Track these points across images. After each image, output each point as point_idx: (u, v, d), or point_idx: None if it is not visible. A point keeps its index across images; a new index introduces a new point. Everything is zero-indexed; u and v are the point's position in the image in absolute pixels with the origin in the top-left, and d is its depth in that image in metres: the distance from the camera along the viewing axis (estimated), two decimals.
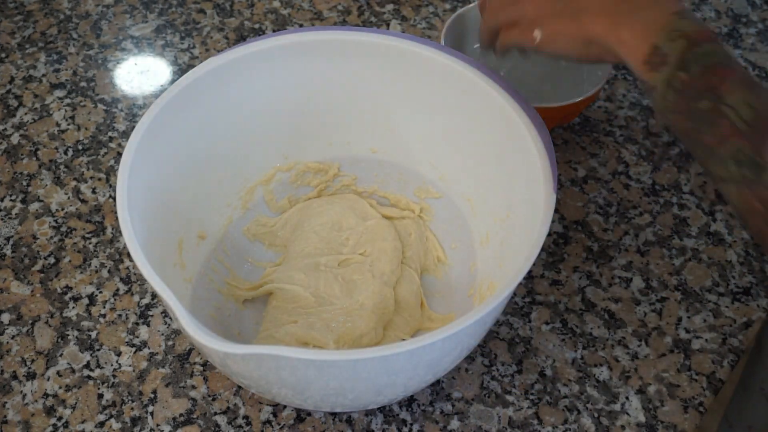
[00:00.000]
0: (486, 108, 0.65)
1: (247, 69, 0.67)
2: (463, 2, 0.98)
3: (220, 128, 0.68)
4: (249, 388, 0.58)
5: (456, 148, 0.70)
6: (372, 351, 0.48)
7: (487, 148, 0.67)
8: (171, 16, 0.96)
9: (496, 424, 0.64)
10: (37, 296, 0.71)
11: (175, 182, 0.64)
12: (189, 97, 0.64)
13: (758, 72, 0.92)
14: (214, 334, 0.48)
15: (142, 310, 0.70)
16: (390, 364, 0.51)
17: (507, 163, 0.65)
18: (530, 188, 0.60)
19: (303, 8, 0.97)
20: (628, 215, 0.78)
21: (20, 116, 0.85)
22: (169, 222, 0.63)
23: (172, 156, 0.64)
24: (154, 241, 0.58)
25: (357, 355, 0.49)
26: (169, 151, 0.63)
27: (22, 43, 0.92)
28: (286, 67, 0.68)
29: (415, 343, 0.49)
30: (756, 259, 0.76)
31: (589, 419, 0.65)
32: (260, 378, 0.53)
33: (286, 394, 0.55)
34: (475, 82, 0.65)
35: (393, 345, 0.49)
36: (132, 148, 0.58)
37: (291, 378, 0.52)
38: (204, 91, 0.65)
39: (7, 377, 0.66)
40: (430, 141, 0.72)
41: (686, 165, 0.83)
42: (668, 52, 0.51)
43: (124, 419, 0.64)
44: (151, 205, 0.60)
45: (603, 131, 0.85)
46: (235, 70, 0.66)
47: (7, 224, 0.76)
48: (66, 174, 0.80)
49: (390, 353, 0.48)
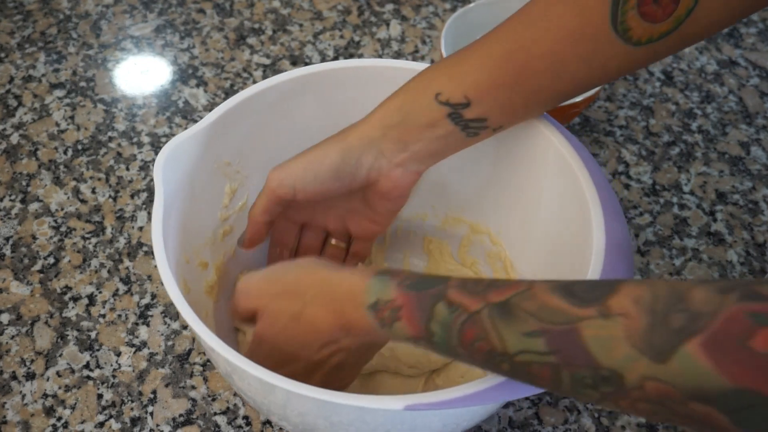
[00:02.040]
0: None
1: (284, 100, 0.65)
2: (463, 2, 0.98)
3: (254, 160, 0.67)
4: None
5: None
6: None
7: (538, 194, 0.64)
8: (171, 15, 0.95)
9: (496, 425, 0.64)
10: (36, 296, 0.71)
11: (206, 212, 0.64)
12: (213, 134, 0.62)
13: (758, 72, 0.92)
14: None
15: (142, 310, 0.70)
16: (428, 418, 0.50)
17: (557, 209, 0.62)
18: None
19: (303, 8, 0.97)
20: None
21: (20, 116, 0.85)
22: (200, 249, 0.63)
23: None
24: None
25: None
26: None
27: (21, 43, 0.92)
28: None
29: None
30: (756, 259, 0.76)
31: (589, 419, 0.65)
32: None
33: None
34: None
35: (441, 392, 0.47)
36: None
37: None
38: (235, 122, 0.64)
39: (7, 377, 0.66)
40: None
41: (686, 165, 0.83)
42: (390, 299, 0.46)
43: (124, 419, 0.64)
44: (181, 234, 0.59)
45: (603, 131, 0.85)
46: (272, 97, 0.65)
47: (6, 224, 0.76)
48: (66, 174, 0.80)
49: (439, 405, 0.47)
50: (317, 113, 0.67)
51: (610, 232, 0.54)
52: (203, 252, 0.63)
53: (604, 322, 0.38)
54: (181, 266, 0.58)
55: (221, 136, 0.62)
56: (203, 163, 0.61)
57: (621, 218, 0.56)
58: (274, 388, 0.48)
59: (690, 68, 0.92)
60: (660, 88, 0.90)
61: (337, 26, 0.95)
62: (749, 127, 0.87)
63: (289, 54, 0.91)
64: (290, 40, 0.93)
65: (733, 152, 0.85)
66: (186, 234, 0.60)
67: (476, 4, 0.87)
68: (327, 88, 0.66)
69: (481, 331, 0.42)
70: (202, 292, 0.62)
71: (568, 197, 0.59)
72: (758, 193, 0.81)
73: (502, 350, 0.41)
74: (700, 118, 0.87)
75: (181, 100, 0.87)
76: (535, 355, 0.40)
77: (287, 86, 0.64)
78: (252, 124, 0.64)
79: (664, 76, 0.91)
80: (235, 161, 0.64)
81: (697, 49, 0.94)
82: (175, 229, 0.57)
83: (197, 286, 0.61)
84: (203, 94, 0.87)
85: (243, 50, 0.92)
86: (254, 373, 0.47)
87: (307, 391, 0.47)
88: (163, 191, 0.55)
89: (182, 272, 0.58)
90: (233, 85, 0.88)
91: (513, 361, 0.41)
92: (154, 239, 0.53)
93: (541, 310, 0.40)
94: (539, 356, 0.40)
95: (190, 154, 0.59)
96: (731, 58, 0.93)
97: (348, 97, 0.67)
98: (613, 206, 0.56)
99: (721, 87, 0.90)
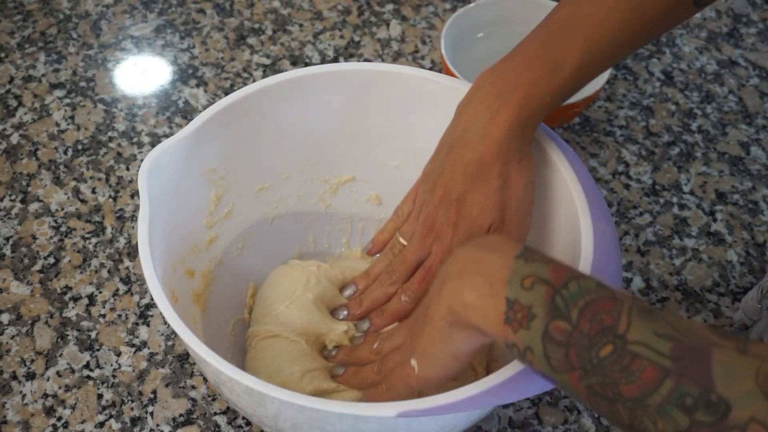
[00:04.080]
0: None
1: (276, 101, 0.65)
2: (463, 2, 0.98)
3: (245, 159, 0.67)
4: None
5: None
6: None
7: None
8: (171, 15, 0.95)
9: (496, 425, 0.64)
10: (36, 296, 0.71)
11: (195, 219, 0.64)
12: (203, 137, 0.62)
13: (758, 72, 0.92)
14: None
15: (142, 310, 0.70)
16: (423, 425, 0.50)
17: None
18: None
19: (303, 8, 0.97)
20: (628, 215, 0.78)
21: (20, 116, 0.85)
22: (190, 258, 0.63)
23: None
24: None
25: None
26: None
27: (21, 43, 0.92)
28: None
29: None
30: (756, 259, 0.76)
31: (589, 419, 0.65)
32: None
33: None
34: None
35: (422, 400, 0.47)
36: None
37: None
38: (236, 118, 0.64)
39: (7, 377, 0.66)
40: None
41: (686, 165, 0.83)
42: (529, 303, 0.42)
43: (124, 419, 0.64)
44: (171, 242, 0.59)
45: (603, 131, 0.85)
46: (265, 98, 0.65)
47: (6, 224, 0.76)
48: (66, 174, 0.80)
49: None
50: (303, 118, 0.66)
51: (597, 232, 0.54)
52: (189, 260, 0.63)
53: (738, 355, 0.37)
54: (168, 275, 0.58)
55: (205, 143, 0.61)
56: (188, 170, 0.61)
57: (608, 219, 0.56)
58: (265, 397, 0.47)
59: (690, 68, 0.92)
60: (660, 88, 0.90)
61: (337, 26, 0.95)
62: (749, 127, 0.87)
63: (289, 54, 0.91)
64: (290, 40, 0.93)
65: (733, 152, 0.85)
66: (172, 242, 0.59)
67: (476, 4, 0.87)
68: (312, 93, 0.65)
69: (613, 309, 0.40)
70: (189, 301, 0.62)
71: (556, 199, 0.60)
72: (758, 193, 0.81)
73: (621, 332, 0.39)
74: (700, 118, 0.87)
75: (181, 100, 0.87)
76: (654, 353, 0.38)
77: (272, 91, 0.64)
78: (236, 131, 0.64)
79: (664, 76, 0.91)
80: (220, 168, 0.64)
81: (697, 49, 0.94)
82: (161, 238, 0.56)
83: (184, 294, 0.61)
84: (203, 94, 0.87)
85: (243, 50, 0.92)
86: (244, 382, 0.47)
87: (299, 400, 0.46)
88: (148, 199, 0.55)
89: (169, 281, 0.57)
90: (233, 85, 0.88)
91: (624, 347, 0.39)
92: (140, 248, 0.52)
93: (680, 323, 0.39)
94: (657, 355, 0.38)
95: (175, 162, 0.59)
96: (731, 58, 0.93)
97: (334, 102, 0.66)
98: (600, 207, 0.56)
99: (721, 87, 0.90)
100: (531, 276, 0.43)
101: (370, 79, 0.66)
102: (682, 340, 0.38)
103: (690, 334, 0.38)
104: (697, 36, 0.96)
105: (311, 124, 0.67)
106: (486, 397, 0.47)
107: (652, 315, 0.40)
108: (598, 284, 0.42)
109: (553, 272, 0.43)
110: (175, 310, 0.50)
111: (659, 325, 0.39)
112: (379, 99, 0.66)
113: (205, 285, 0.64)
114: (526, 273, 0.43)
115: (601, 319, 0.40)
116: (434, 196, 0.59)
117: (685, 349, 0.38)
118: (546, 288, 0.42)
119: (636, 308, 0.40)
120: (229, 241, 0.67)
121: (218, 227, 0.66)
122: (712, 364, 0.37)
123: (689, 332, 0.39)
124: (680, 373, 0.37)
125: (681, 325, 0.39)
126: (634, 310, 0.40)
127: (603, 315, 0.40)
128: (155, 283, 0.51)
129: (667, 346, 0.38)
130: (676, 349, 0.38)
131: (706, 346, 0.38)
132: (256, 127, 0.65)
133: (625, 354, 0.39)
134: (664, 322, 0.39)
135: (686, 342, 0.38)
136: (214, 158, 0.63)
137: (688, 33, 0.96)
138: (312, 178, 0.71)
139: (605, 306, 0.40)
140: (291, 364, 0.60)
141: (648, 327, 0.39)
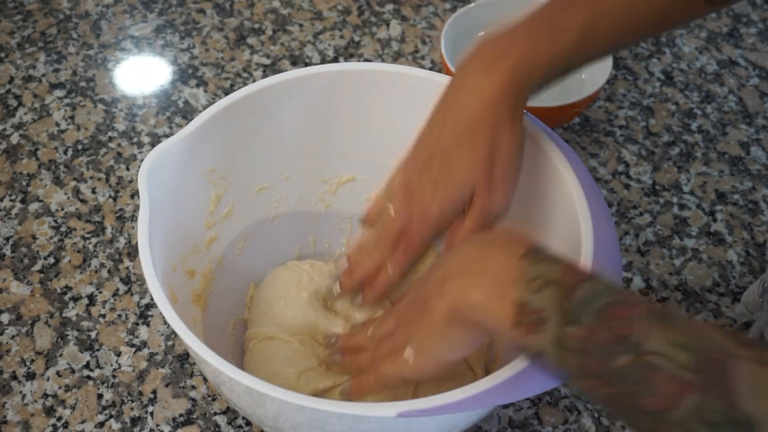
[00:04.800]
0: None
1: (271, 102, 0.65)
2: (463, 2, 0.98)
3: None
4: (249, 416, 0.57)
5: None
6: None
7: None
8: (171, 15, 0.95)
9: (496, 425, 0.64)
10: (36, 296, 0.71)
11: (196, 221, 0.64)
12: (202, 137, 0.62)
13: (758, 72, 0.92)
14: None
15: (142, 310, 0.70)
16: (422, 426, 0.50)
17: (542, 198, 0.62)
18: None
19: (303, 8, 0.97)
20: (628, 215, 0.78)
21: (20, 116, 0.85)
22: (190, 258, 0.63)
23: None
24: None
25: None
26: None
27: (21, 43, 0.92)
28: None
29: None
30: (756, 259, 0.76)
31: (589, 419, 0.65)
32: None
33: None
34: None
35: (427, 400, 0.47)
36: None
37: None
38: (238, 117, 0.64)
39: (7, 377, 0.66)
40: None
41: (686, 165, 0.83)
42: (539, 307, 0.41)
43: (124, 419, 0.64)
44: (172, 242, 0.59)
45: (603, 131, 0.85)
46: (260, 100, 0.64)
47: (6, 224, 0.76)
48: (66, 174, 0.80)
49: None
50: (303, 118, 0.66)
51: (598, 232, 0.54)
52: (189, 260, 0.63)
53: (760, 369, 0.36)
54: (168, 275, 0.58)
55: (206, 143, 0.61)
56: (188, 170, 0.61)
57: (609, 219, 0.56)
58: (265, 397, 0.47)
59: (690, 68, 0.92)
60: (660, 88, 0.90)
61: (337, 26, 0.95)
62: (749, 127, 0.87)
63: (289, 54, 0.91)
64: (290, 40, 0.93)
65: (733, 152, 0.85)
66: (172, 242, 0.59)
67: (476, 4, 0.87)
68: (312, 93, 0.65)
69: (627, 316, 0.39)
70: (189, 301, 0.62)
71: (556, 199, 0.59)
72: (758, 193, 0.81)
73: (638, 341, 0.38)
74: (700, 118, 0.87)
75: (181, 100, 0.87)
76: (673, 365, 0.37)
77: (272, 91, 0.64)
78: (236, 130, 0.64)
79: (664, 76, 0.91)
80: (220, 168, 0.64)
81: (697, 49, 0.94)
82: (161, 238, 0.56)
83: (185, 294, 0.61)
84: (203, 94, 0.87)
85: (243, 50, 0.92)
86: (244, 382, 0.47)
87: (299, 400, 0.46)
88: (148, 199, 0.55)
89: (169, 281, 0.57)
90: (233, 85, 0.88)
91: (641, 358, 0.37)
92: (140, 248, 0.52)
93: (696, 329, 0.38)
94: (676, 368, 0.37)
95: (175, 162, 0.59)
96: (731, 58, 0.93)
97: (334, 102, 0.66)
98: (600, 207, 0.56)
99: (721, 87, 0.90)
100: (540, 277, 0.42)
101: (370, 79, 0.66)
102: (702, 351, 0.37)
103: (707, 343, 0.37)
104: (697, 36, 0.96)
105: (311, 124, 0.67)
106: (486, 397, 0.47)
107: (668, 321, 0.38)
108: (610, 287, 0.41)
109: (563, 273, 0.41)
110: (175, 310, 0.50)
111: (676, 334, 0.38)
112: (379, 99, 0.66)
113: (205, 285, 0.64)
114: (535, 273, 0.42)
115: (616, 327, 0.39)
116: (419, 158, 0.56)
117: (705, 361, 0.37)
118: (557, 290, 0.41)
119: (651, 314, 0.39)
120: (229, 241, 0.67)
121: (218, 227, 0.66)
122: (734, 378, 0.36)
123: (706, 340, 0.38)
124: (704, 388, 0.36)
125: (697, 331, 0.38)
126: (650, 316, 0.39)
127: (617, 322, 0.39)
128: (155, 283, 0.51)
129: (687, 357, 0.37)
130: (697, 361, 0.37)
131: (726, 357, 0.37)
132: (256, 127, 0.65)
133: (642, 365, 0.37)
134: (680, 329, 0.38)
135: (706, 353, 0.37)
136: (214, 158, 0.63)
137: (688, 33, 0.96)
138: (312, 178, 0.71)
139: (620, 312, 0.39)
140: (287, 366, 0.60)
141: (665, 336, 0.38)
